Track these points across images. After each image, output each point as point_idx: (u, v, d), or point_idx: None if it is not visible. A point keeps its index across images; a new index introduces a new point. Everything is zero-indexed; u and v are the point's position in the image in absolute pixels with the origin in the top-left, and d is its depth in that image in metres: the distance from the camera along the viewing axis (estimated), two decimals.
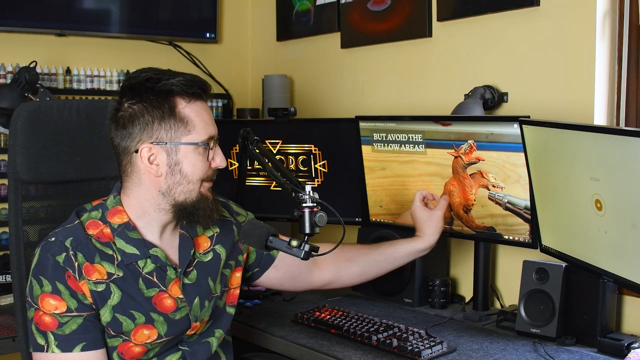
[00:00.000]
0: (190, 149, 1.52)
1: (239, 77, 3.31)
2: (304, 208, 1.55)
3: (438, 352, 1.78)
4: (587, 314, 1.86)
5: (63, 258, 1.48)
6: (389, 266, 1.98)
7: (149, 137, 1.50)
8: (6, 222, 2.64)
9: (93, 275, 1.49)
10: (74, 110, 1.79)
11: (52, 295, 1.46)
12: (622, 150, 1.49)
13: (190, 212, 1.56)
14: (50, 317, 1.46)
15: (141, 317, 1.53)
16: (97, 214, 1.56)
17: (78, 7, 2.82)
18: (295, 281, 1.90)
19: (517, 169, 1.92)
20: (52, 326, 1.46)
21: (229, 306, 1.74)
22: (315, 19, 2.90)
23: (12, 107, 2.36)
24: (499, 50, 2.24)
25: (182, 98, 1.52)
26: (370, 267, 1.96)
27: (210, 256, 1.68)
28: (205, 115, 1.55)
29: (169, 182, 1.52)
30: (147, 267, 1.56)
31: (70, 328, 1.47)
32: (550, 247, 1.88)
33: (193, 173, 1.53)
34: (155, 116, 1.50)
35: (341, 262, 1.93)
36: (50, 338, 1.46)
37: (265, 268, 1.85)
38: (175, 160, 1.51)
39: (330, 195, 1.92)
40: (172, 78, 1.51)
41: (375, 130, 2.27)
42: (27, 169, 1.71)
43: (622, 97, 2.01)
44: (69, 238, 1.50)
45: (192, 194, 1.54)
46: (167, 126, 1.50)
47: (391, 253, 1.96)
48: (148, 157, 1.51)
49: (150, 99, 1.50)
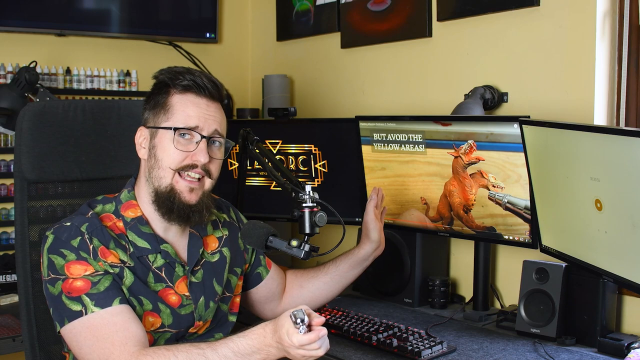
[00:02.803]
0: (165, 133, 1.56)
1: (239, 77, 3.31)
2: (304, 208, 1.56)
3: (438, 352, 1.78)
4: (587, 314, 1.86)
5: (78, 242, 1.49)
6: (337, 285, 1.92)
7: (145, 122, 1.61)
8: (6, 222, 2.65)
9: (109, 257, 1.51)
10: (79, 110, 1.80)
11: (79, 262, 1.48)
12: (622, 150, 1.49)
13: (164, 202, 1.55)
14: (82, 279, 1.47)
15: (149, 304, 1.55)
16: (111, 207, 1.59)
17: (78, 7, 2.82)
18: (263, 307, 1.88)
19: (517, 169, 1.92)
20: (85, 288, 1.46)
21: (231, 314, 1.75)
22: (315, 19, 2.90)
23: (12, 107, 2.37)
24: (499, 50, 2.24)
25: (174, 89, 1.58)
26: (319, 291, 1.91)
27: (217, 257, 1.69)
28: (191, 107, 1.57)
29: (148, 166, 1.58)
30: (157, 262, 1.57)
31: (104, 285, 1.48)
32: (550, 247, 1.88)
33: (163, 159, 1.56)
34: (151, 103, 1.60)
35: (294, 290, 1.91)
36: (86, 300, 1.46)
37: (250, 287, 1.84)
38: (153, 143, 1.58)
39: (330, 195, 1.91)
40: (189, 74, 1.58)
41: (375, 130, 2.27)
42: (33, 168, 1.72)
43: (622, 97, 2.01)
44: (84, 224, 1.52)
45: (163, 181, 1.56)
46: (155, 111, 1.59)
47: (334, 271, 1.91)
48: (139, 138, 1.61)
49: (156, 89, 1.61)
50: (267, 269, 1.85)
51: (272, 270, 1.86)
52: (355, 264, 1.93)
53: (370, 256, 1.94)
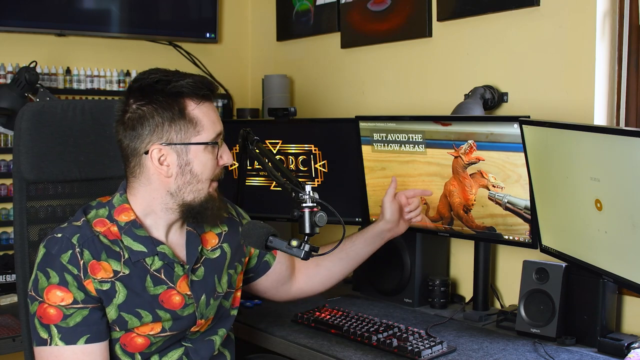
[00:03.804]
0: (200, 148, 1.53)
1: (239, 77, 3.31)
2: (304, 208, 1.55)
3: (438, 352, 1.78)
4: (587, 314, 1.86)
5: (68, 256, 1.48)
6: (353, 262, 1.98)
7: (159, 139, 1.51)
8: (6, 222, 2.65)
9: (99, 273, 1.49)
10: (78, 110, 1.79)
11: (59, 287, 1.46)
12: (622, 150, 1.49)
13: (198, 211, 1.57)
14: (55, 309, 1.46)
15: (148, 315, 1.54)
16: (105, 211, 1.57)
17: (78, 7, 2.82)
18: (277, 291, 1.92)
19: (517, 169, 1.92)
20: (56, 318, 1.46)
21: (232, 309, 1.75)
22: (315, 19, 2.90)
23: (12, 107, 2.37)
24: (499, 50, 2.24)
25: (191, 100, 1.53)
26: (335, 268, 1.95)
27: (218, 253, 1.69)
28: (212, 114, 1.57)
29: (178, 182, 1.54)
30: (154, 265, 1.56)
31: (74, 320, 1.47)
32: (550, 247, 1.88)
33: (203, 172, 1.55)
34: (166, 118, 1.51)
35: (310, 269, 1.94)
36: (53, 331, 1.46)
37: (259, 275, 1.86)
38: (186, 160, 1.53)
39: (330, 195, 1.91)
40: (181, 80, 1.52)
41: (375, 130, 2.27)
42: (31, 168, 1.71)
43: (622, 97, 2.01)
44: (75, 235, 1.50)
45: (201, 194, 1.56)
46: (177, 127, 1.51)
47: (350, 247, 1.97)
48: (158, 158, 1.52)
49: (160, 100, 1.50)
50: (273, 255, 1.86)
51: (279, 255, 1.87)
52: (370, 240, 1.99)
53: (385, 234, 2.02)
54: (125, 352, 1.56)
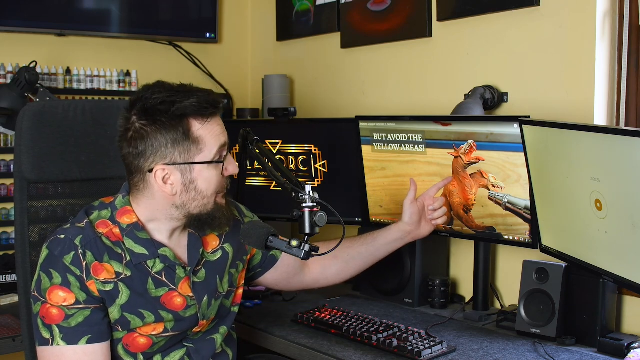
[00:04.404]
0: (204, 166, 1.52)
1: (239, 77, 3.31)
2: (304, 208, 1.55)
3: (438, 352, 1.78)
4: (587, 314, 1.86)
5: (71, 258, 1.48)
6: (371, 258, 1.98)
7: (163, 159, 1.50)
8: (6, 222, 2.65)
9: (101, 274, 1.50)
10: (79, 111, 1.80)
11: (62, 288, 1.47)
12: (622, 150, 1.49)
13: (205, 221, 1.57)
14: (58, 309, 1.47)
15: (150, 316, 1.54)
16: (107, 213, 1.57)
17: (78, 7, 2.82)
18: (289, 282, 1.93)
19: (517, 169, 1.92)
20: (58, 319, 1.46)
21: (233, 306, 1.76)
22: (315, 19, 2.90)
23: (12, 107, 2.37)
24: (499, 50, 2.24)
25: (196, 120, 1.50)
26: (353, 261, 1.96)
27: (219, 255, 1.69)
28: (217, 129, 1.54)
29: (183, 199, 1.54)
30: (156, 267, 1.56)
31: (76, 320, 1.47)
32: (550, 247, 1.88)
33: (208, 189, 1.54)
34: (169, 139, 1.48)
35: (327, 260, 1.92)
36: (55, 331, 1.46)
37: (267, 269, 1.87)
38: (190, 178, 1.52)
39: (330, 195, 1.91)
40: (185, 100, 1.48)
41: (375, 130, 2.27)
42: (32, 168, 1.72)
43: (622, 97, 2.01)
44: (78, 236, 1.50)
45: (208, 207, 1.56)
46: (181, 148, 1.50)
47: (371, 243, 1.97)
48: (162, 177, 1.51)
49: (164, 121, 1.48)
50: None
51: None
52: (391, 240, 1.99)
53: (405, 235, 1.99)
54: (128, 352, 1.57)
